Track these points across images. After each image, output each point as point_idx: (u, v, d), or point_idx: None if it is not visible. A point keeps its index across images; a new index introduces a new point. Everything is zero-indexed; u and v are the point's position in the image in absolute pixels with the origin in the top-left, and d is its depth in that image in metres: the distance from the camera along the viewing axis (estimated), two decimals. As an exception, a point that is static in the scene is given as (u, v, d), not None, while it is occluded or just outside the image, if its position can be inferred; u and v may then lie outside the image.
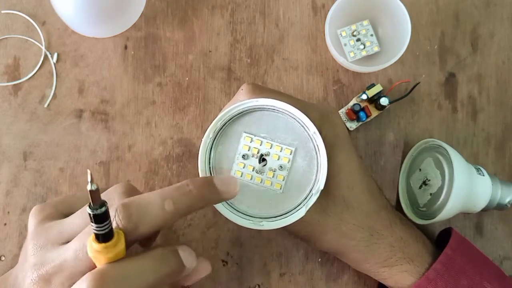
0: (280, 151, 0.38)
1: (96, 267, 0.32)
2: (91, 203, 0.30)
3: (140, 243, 0.38)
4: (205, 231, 0.48)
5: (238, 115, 0.38)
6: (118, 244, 0.31)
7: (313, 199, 0.37)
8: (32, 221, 0.38)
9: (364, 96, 0.48)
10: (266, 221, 0.38)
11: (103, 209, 0.30)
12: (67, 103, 0.50)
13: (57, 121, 0.50)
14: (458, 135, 0.50)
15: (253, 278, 0.48)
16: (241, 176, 0.38)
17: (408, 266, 0.42)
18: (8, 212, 0.49)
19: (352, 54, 0.50)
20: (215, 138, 0.38)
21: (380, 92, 0.48)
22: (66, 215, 0.38)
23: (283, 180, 0.38)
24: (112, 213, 0.32)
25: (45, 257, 0.34)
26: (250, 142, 0.38)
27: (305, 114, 0.37)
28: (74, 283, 0.32)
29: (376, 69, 0.48)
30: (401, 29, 0.47)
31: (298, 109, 0.37)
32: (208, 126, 0.38)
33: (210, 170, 0.38)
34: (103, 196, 0.36)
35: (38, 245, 0.35)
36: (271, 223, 0.37)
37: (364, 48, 0.50)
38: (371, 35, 0.50)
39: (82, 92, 0.50)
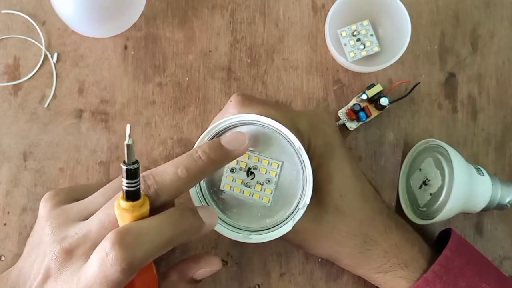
0: (268, 164, 0.38)
1: None
2: (126, 159, 0.32)
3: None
4: (205, 231, 0.48)
5: (224, 130, 0.39)
6: (144, 205, 0.33)
7: (300, 213, 0.37)
8: (46, 205, 0.38)
9: (364, 96, 0.48)
10: (255, 234, 0.38)
11: (136, 165, 0.32)
12: (67, 103, 0.50)
13: (57, 121, 0.50)
14: (458, 135, 0.50)
15: (253, 278, 0.48)
16: (230, 189, 0.39)
17: (402, 272, 0.42)
18: (8, 212, 0.49)
19: (352, 54, 0.50)
20: None
21: (380, 92, 0.48)
22: (79, 200, 0.39)
23: (271, 194, 0.38)
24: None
25: (67, 232, 0.35)
26: None
27: (294, 124, 0.38)
28: None
29: (376, 69, 0.48)
30: (401, 29, 0.47)
31: (287, 120, 0.38)
32: (196, 141, 0.38)
33: (200, 186, 0.39)
34: (120, 177, 0.37)
35: (56, 224, 0.36)
36: (259, 236, 0.38)
37: (364, 48, 0.50)
38: (371, 35, 0.50)
39: (82, 92, 0.50)
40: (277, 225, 0.38)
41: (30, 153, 0.49)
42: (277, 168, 0.38)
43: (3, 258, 0.48)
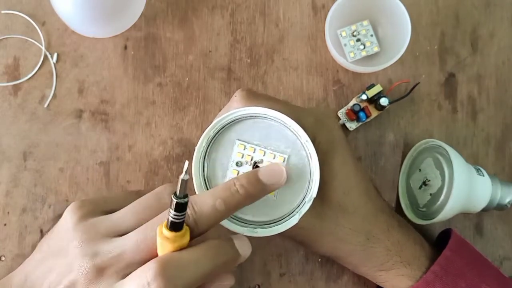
0: (273, 158, 0.38)
1: (153, 258, 0.34)
2: (178, 192, 0.32)
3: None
4: (205, 231, 0.48)
5: (231, 123, 0.39)
6: (185, 236, 0.34)
7: (306, 206, 0.37)
8: (71, 216, 0.38)
9: (364, 97, 0.48)
10: (261, 228, 0.38)
11: (186, 199, 0.32)
12: (67, 103, 0.50)
13: (57, 121, 0.50)
14: (458, 135, 0.50)
15: (253, 278, 0.48)
16: None
17: (405, 270, 0.42)
18: (8, 213, 0.49)
19: (352, 55, 0.50)
20: (208, 146, 0.38)
21: (380, 92, 0.48)
22: (105, 212, 0.39)
23: None
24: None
25: (99, 248, 0.35)
26: (244, 149, 0.38)
27: (299, 120, 0.37)
28: (127, 273, 0.34)
29: (376, 69, 0.48)
30: (401, 29, 0.47)
31: (292, 116, 0.37)
32: (201, 135, 0.38)
33: (204, 178, 0.39)
34: (154, 194, 0.38)
35: (86, 238, 0.36)
36: (265, 230, 0.38)
37: (364, 48, 0.50)
38: (371, 35, 0.50)
39: (82, 92, 0.50)
40: (282, 218, 0.38)
41: (30, 153, 0.49)
42: (283, 161, 0.38)
43: (3, 258, 0.48)
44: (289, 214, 0.38)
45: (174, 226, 0.33)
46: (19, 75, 0.50)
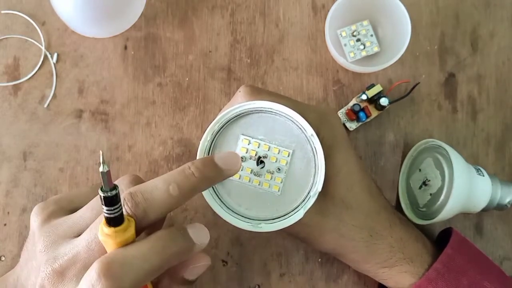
0: (278, 153, 0.38)
1: None
2: (103, 186, 0.31)
3: (149, 230, 0.38)
4: (205, 231, 0.48)
5: (235, 118, 0.38)
6: (128, 230, 0.32)
7: (311, 201, 0.37)
8: (36, 219, 0.38)
9: (364, 97, 0.48)
10: (265, 223, 0.38)
11: (114, 192, 0.31)
12: (67, 103, 0.50)
13: (57, 121, 0.50)
14: (458, 135, 0.50)
15: (253, 278, 0.48)
16: (239, 178, 0.38)
17: (408, 267, 0.42)
18: (8, 213, 0.49)
19: (352, 55, 0.50)
20: (213, 140, 0.38)
21: (380, 92, 0.48)
22: (69, 211, 0.38)
23: (281, 182, 0.38)
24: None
25: (58, 251, 0.35)
26: (248, 144, 0.38)
27: (302, 115, 0.37)
28: None
29: (376, 69, 0.48)
30: (401, 29, 0.47)
31: (296, 111, 0.37)
32: (206, 129, 0.38)
33: None
34: None
35: (48, 242, 0.36)
36: (270, 225, 0.38)
37: (364, 48, 0.50)
38: (371, 35, 0.50)
39: (82, 92, 0.50)
40: (287, 214, 0.38)
41: (30, 153, 0.49)
42: (288, 156, 0.38)
43: (3, 258, 0.48)
44: (294, 209, 0.38)
45: (112, 221, 0.31)
46: (19, 75, 0.50)
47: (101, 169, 0.30)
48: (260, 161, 0.38)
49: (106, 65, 0.51)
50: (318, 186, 0.37)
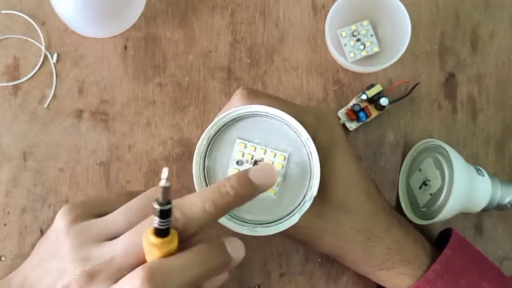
0: (274, 157, 0.38)
1: (143, 263, 0.33)
2: (160, 199, 0.31)
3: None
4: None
5: (231, 121, 0.38)
6: (173, 241, 0.33)
7: (307, 205, 0.37)
8: (62, 221, 0.38)
9: (364, 97, 0.48)
10: (261, 227, 0.38)
11: (169, 206, 0.32)
12: (67, 103, 0.50)
13: (57, 121, 0.50)
14: (458, 135, 0.50)
15: (253, 278, 0.48)
16: None
17: (405, 269, 0.42)
18: (8, 213, 0.49)
19: (352, 55, 0.50)
20: (209, 144, 0.38)
21: (380, 92, 0.48)
22: (97, 215, 0.38)
23: (276, 186, 0.38)
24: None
25: (89, 253, 0.35)
26: (244, 148, 0.38)
27: (300, 118, 0.37)
28: (118, 279, 0.33)
29: (376, 69, 0.48)
30: (401, 29, 0.47)
31: (293, 114, 0.37)
32: (202, 133, 0.38)
33: (205, 177, 0.39)
34: (145, 195, 0.38)
35: (77, 242, 0.36)
36: (265, 229, 0.38)
37: (364, 48, 0.50)
38: (371, 35, 0.50)
39: (82, 92, 0.50)
40: (283, 218, 0.38)
41: (30, 153, 0.49)
42: (284, 160, 0.38)
43: (3, 258, 0.48)
44: (290, 213, 0.38)
45: (160, 233, 0.32)
46: (19, 75, 0.50)
47: (162, 183, 0.31)
48: (256, 165, 0.38)
49: (106, 65, 0.51)
50: (314, 191, 0.37)
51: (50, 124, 0.50)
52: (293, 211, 0.38)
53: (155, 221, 0.32)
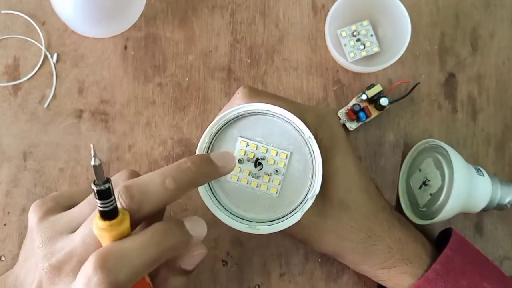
0: (276, 155, 0.38)
1: None
2: (95, 180, 0.30)
3: (147, 223, 0.38)
4: (205, 231, 0.48)
5: (233, 120, 0.38)
6: (123, 223, 0.32)
7: (309, 203, 0.37)
8: (33, 216, 0.38)
9: (364, 97, 0.48)
10: (262, 225, 0.38)
11: (107, 185, 0.31)
12: (67, 103, 0.50)
13: (57, 121, 0.50)
14: (458, 135, 0.50)
15: (253, 278, 0.48)
16: (237, 180, 0.38)
17: (406, 268, 0.42)
18: (8, 212, 0.49)
19: (352, 55, 0.50)
20: (210, 143, 0.38)
21: (380, 92, 0.48)
22: (67, 208, 0.38)
23: (279, 184, 0.38)
24: (116, 195, 0.32)
25: (55, 246, 0.35)
26: (246, 146, 0.38)
27: (301, 117, 0.37)
28: None
29: (376, 69, 0.48)
30: (401, 29, 0.47)
31: (294, 113, 0.37)
32: (204, 131, 0.38)
33: None
34: None
35: (45, 237, 0.36)
36: (267, 227, 0.38)
37: (364, 48, 0.50)
38: (371, 35, 0.50)
39: (82, 92, 0.50)
40: (285, 216, 0.38)
41: (30, 153, 0.49)
42: (286, 158, 0.38)
43: (3, 258, 0.48)
44: (291, 212, 0.38)
45: (106, 215, 0.31)
46: (19, 75, 0.50)
47: (92, 162, 0.30)
48: (258, 163, 0.38)
49: (106, 65, 0.51)
50: (316, 189, 0.37)
51: (50, 124, 0.50)
52: (295, 209, 0.38)
53: (97, 203, 0.31)
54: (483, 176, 0.45)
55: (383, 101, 0.48)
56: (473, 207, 0.45)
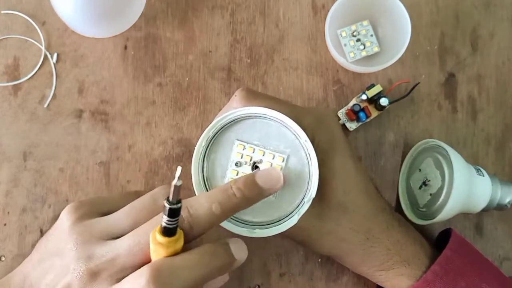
0: (273, 158, 0.38)
1: (147, 263, 0.33)
2: (170, 198, 0.32)
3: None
4: (205, 231, 0.48)
5: (230, 123, 0.38)
6: (179, 241, 0.33)
7: (305, 207, 0.37)
8: (68, 217, 0.38)
9: (364, 97, 0.48)
10: (259, 228, 0.38)
11: (179, 205, 0.32)
12: (67, 103, 0.50)
13: (57, 121, 0.50)
14: (458, 135, 0.50)
15: (253, 278, 0.48)
16: None
17: (405, 270, 0.42)
18: (8, 213, 0.49)
19: (352, 55, 0.50)
20: (208, 146, 0.38)
21: (380, 92, 0.48)
22: (101, 214, 0.38)
23: None
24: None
25: (93, 251, 0.35)
26: (243, 149, 0.38)
27: (299, 120, 0.37)
28: (120, 278, 0.34)
29: (376, 69, 0.48)
30: (401, 29, 0.47)
31: (291, 116, 0.37)
32: (201, 135, 0.38)
33: (203, 179, 0.39)
34: (150, 195, 0.38)
35: (81, 240, 0.36)
36: (264, 230, 0.38)
37: (364, 48, 0.50)
38: (371, 35, 0.50)
39: (82, 92, 0.50)
40: (281, 219, 0.38)
41: (30, 153, 0.49)
42: (282, 162, 0.38)
43: (3, 258, 0.48)
44: (288, 215, 0.38)
45: (167, 232, 0.32)
46: (19, 75, 0.50)
47: (174, 182, 0.31)
48: (255, 167, 0.38)
49: (106, 65, 0.51)
50: (312, 192, 0.37)
51: (50, 124, 0.50)
52: (291, 212, 0.38)
53: (163, 219, 0.32)
54: (483, 176, 0.45)
55: (383, 101, 0.48)
56: (473, 207, 0.45)
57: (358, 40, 0.50)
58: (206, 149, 0.39)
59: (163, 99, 0.50)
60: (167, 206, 0.32)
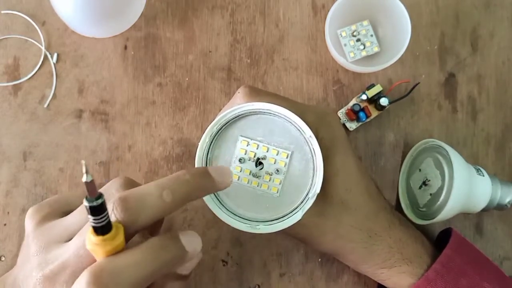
0: (277, 154, 0.38)
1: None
2: (88, 196, 0.29)
3: (149, 232, 0.38)
4: (205, 231, 0.48)
5: (234, 119, 0.38)
6: (117, 237, 0.31)
7: (310, 202, 0.37)
8: (30, 222, 0.37)
9: (364, 97, 0.48)
10: (263, 224, 0.38)
11: (100, 201, 0.29)
12: (67, 103, 0.50)
13: (57, 121, 0.50)
14: (458, 135, 0.50)
15: (253, 278, 0.48)
16: (238, 179, 0.38)
17: (406, 268, 0.42)
18: (8, 213, 0.49)
19: (352, 55, 0.50)
20: (211, 142, 0.38)
21: (380, 92, 0.48)
22: (64, 213, 0.38)
23: (279, 184, 0.38)
24: (110, 207, 0.32)
25: (49, 256, 0.34)
26: (247, 145, 0.38)
27: (301, 116, 0.37)
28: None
29: (376, 69, 0.48)
30: (401, 29, 0.47)
31: (295, 112, 0.37)
32: (205, 131, 0.38)
33: None
34: (102, 190, 0.35)
35: (40, 246, 0.35)
36: (268, 226, 0.38)
37: (364, 48, 0.50)
38: (371, 35, 0.50)
39: (82, 92, 0.50)
40: (285, 215, 0.38)
41: (30, 153, 0.49)
42: (286, 158, 0.38)
43: (3, 258, 0.48)
44: (292, 211, 0.38)
45: (99, 230, 0.30)
46: (19, 75, 0.50)
47: (84, 179, 0.29)
48: (258, 163, 0.38)
49: (106, 65, 0.51)
50: (317, 188, 0.37)
51: (50, 124, 0.50)
52: (295, 208, 0.38)
53: (89, 219, 0.30)
54: (483, 176, 0.45)
55: (383, 101, 0.48)
56: (473, 207, 0.45)
57: (358, 40, 0.50)
58: (210, 145, 0.38)
59: (163, 99, 0.50)
60: (86, 204, 0.29)
